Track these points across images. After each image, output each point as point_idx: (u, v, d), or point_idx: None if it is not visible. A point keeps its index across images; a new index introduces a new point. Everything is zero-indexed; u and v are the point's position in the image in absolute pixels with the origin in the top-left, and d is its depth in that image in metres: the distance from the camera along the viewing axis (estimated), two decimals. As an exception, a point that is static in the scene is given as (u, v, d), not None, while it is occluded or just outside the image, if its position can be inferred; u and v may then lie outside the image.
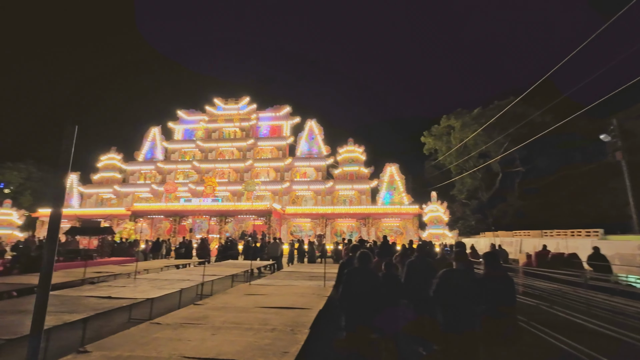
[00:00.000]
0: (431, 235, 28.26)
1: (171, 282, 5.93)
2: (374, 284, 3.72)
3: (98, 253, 10.85)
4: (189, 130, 38.35)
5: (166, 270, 8.61)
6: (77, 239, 11.30)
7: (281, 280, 6.63)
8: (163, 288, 5.19)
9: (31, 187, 40.48)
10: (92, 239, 11.17)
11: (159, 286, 5.35)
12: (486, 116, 27.99)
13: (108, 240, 11.45)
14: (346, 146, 33.74)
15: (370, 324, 3.46)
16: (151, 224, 32.43)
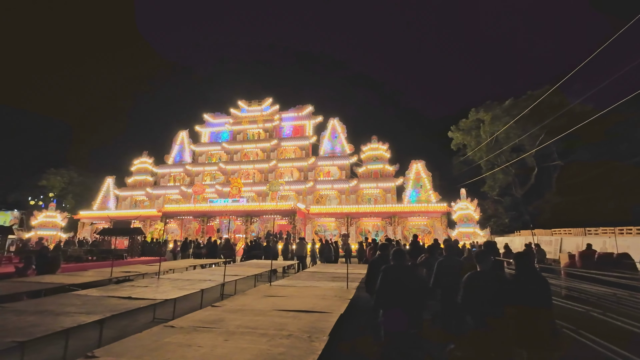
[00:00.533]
0: (461, 234, 27.12)
1: (193, 282, 5.91)
2: (411, 280, 3.77)
3: (128, 253, 11.23)
4: (214, 133, 39.34)
5: (191, 270, 8.69)
6: (108, 239, 11.81)
7: (303, 281, 6.43)
8: (183, 289, 5.16)
9: (72, 191, 43.14)
10: (122, 239, 11.65)
11: (180, 287, 5.33)
12: (519, 107, 26.27)
13: (138, 240, 11.83)
14: (370, 144, 33.14)
15: (409, 319, 3.50)
16: (181, 224, 33.52)
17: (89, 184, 43.04)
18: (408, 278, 3.78)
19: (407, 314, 3.54)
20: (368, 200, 31.90)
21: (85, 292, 4.60)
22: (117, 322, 5.66)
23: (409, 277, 3.80)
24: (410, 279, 3.79)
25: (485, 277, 3.59)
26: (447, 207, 27.93)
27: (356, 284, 6.24)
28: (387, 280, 3.75)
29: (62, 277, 6.12)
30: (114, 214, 35.32)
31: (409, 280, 3.76)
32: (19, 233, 34.50)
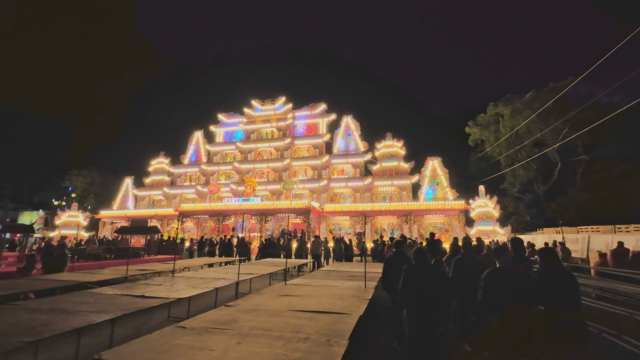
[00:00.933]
0: (480, 232, 26.35)
1: (207, 281, 5.81)
2: (434, 279, 3.74)
3: (145, 251, 11.35)
4: (229, 132, 39.66)
5: (205, 269, 8.65)
6: (126, 238, 11.97)
7: (319, 280, 6.24)
8: (197, 287, 5.06)
9: (94, 191, 44.43)
10: (140, 238, 11.78)
11: (193, 285, 5.23)
12: (541, 100, 25.11)
13: (154, 239, 11.94)
14: (384, 141, 32.64)
15: (434, 318, 3.50)
16: (197, 223, 33.96)
17: (109, 184, 44.25)
18: (431, 277, 3.74)
19: (432, 312, 3.51)
20: (383, 198, 31.43)
21: (99, 291, 4.55)
22: (132, 320, 5.63)
23: (432, 276, 3.75)
24: (433, 277, 3.75)
25: (506, 274, 3.43)
26: (464, 204, 27.19)
27: (374, 283, 6.00)
28: (410, 280, 3.74)
29: (78, 274, 6.16)
30: (132, 213, 36.15)
31: (432, 278, 3.72)
32: (44, 232, 35.72)
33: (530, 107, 25.96)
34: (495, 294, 3.35)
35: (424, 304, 3.55)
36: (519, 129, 26.42)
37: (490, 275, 3.51)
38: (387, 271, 5.13)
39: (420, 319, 3.54)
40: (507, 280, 3.36)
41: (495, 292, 3.36)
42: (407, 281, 3.74)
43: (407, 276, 3.77)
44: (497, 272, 3.53)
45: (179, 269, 7.97)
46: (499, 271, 3.54)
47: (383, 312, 6.18)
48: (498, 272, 3.53)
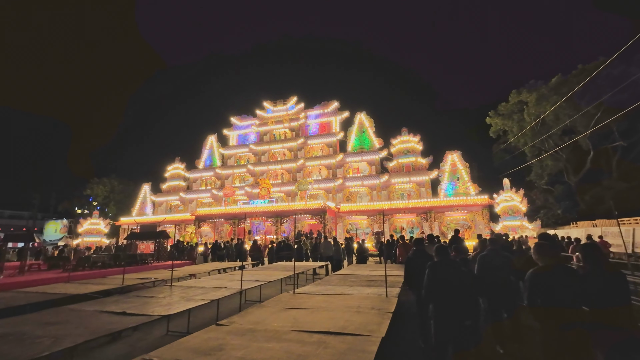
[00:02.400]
0: (506, 227, 24.88)
1: (206, 290, 5.19)
2: (458, 275, 3.77)
3: (154, 257, 10.96)
4: (242, 135, 39.57)
5: (214, 275, 8.09)
6: (135, 244, 11.66)
7: (333, 287, 5.50)
8: (192, 299, 4.44)
9: (114, 198, 45.37)
10: (149, 244, 11.49)
11: (189, 297, 4.62)
12: (569, 84, 23.25)
13: (164, 244, 11.54)
14: (400, 137, 31.59)
15: (460, 313, 3.55)
16: (213, 227, 33.85)
17: (129, 192, 45.06)
18: (455, 273, 3.78)
19: (458, 307, 3.57)
20: (401, 196, 30.38)
21: (79, 306, 4.01)
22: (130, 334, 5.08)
23: (455, 272, 3.79)
24: (457, 273, 3.78)
25: (553, 274, 3.14)
26: (488, 199, 25.82)
27: (396, 289, 5.21)
28: (434, 276, 3.80)
29: (72, 286, 5.69)
30: (150, 219, 36.57)
31: (456, 275, 3.76)
32: (68, 240, 36.60)
33: (558, 92, 24.05)
34: (544, 297, 3.07)
35: (449, 299, 3.62)
36: (546, 116, 24.60)
37: (537, 277, 3.17)
38: (409, 270, 5.12)
39: (446, 314, 3.60)
40: (554, 281, 3.08)
41: (541, 294, 3.09)
42: (432, 277, 3.80)
43: (432, 272, 3.83)
44: (543, 272, 3.20)
45: (183, 276, 7.44)
46: (545, 271, 3.20)
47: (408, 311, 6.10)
48: (545, 272, 3.20)
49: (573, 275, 3.10)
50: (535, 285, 3.11)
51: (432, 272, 3.83)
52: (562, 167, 27.88)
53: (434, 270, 3.84)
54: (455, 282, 3.69)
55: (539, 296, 3.06)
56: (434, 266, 3.88)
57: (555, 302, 2.98)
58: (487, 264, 4.74)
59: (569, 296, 2.98)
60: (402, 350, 4.69)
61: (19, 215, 57.00)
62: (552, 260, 3.24)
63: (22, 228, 47.78)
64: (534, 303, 3.08)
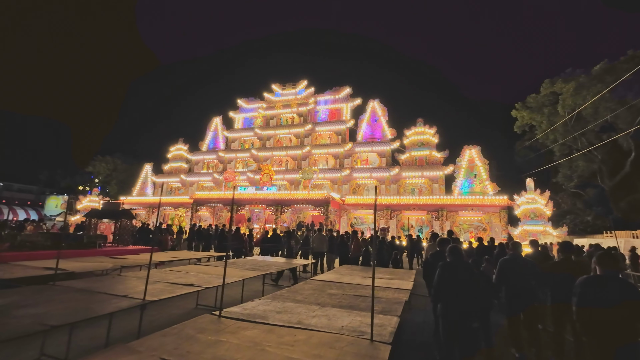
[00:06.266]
0: (525, 232, 22.61)
1: (99, 299, 3.38)
2: (468, 276, 3.78)
3: (115, 240, 9.36)
4: (248, 118, 37.86)
5: (184, 265, 6.39)
6: (96, 224, 10.08)
7: (293, 308, 3.62)
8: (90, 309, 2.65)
9: (117, 177, 44.62)
10: (110, 224, 9.95)
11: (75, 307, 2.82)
12: (616, 72, 20.12)
13: (129, 225, 9.93)
14: (415, 128, 29.31)
15: (469, 314, 3.58)
16: (213, 212, 32.51)
17: (132, 171, 44.24)
18: (466, 274, 3.78)
19: (466, 307, 3.58)
20: (411, 191, 28.26)
21: None
22: None
23: (467, 273, 3.79)
24: (469, 275, 3.79)
25: (616, 286, 2.99)
26: (507, 200, 23.51)
27: (395, 318, 3.28)
28: (444, 276, 3.81)
29: None
30: (150, 199, 35.54)
31: (466, 275, 3.77)
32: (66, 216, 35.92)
33: (602, 80, 20.96)
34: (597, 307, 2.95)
35: (457, 299, 3.62)
36: (583, 110, 21.60)
37: (588, 285, 3.10)
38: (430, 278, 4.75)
39: (453, 314, 3.60)
40: (614, 295, 2.92)
41: (597, 304, 2.96)
42: (442, 277, 3.81)
43: (442, 272, 3.85)
44: (597, 281, 3.11)
45: (112, 267, 5.71)
46: (602, 280, 3.08)
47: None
48: (599, 281, 3.09)
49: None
50: (585, 293, 3.06)
51: (443, 271, 3.84)
52: (595, 169, 24.89)
53: (445, 270, 3.85)
54: (466, 283, 3.69)
55: (589, 303, 2.97)
56: (445, 266, 3.89)
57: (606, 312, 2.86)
58: (510, 267, 4.69)
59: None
60: None
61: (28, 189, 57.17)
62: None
63: (27, 202, 47.72)
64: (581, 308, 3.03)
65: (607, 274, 3.11)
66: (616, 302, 2.87)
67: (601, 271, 3.19)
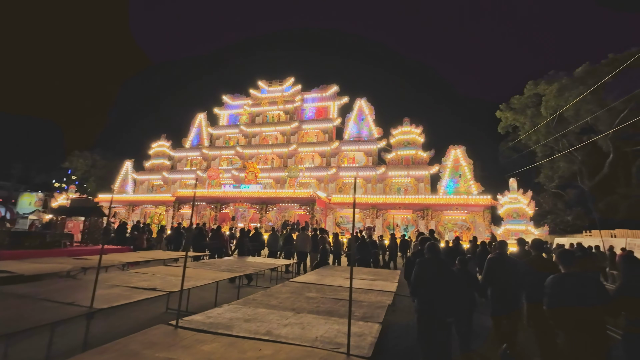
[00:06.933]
0: (508, 231, 22.89)
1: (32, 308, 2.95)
2: (447, 272, 3.90)
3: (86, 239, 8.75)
4: (233, 115, 37.09)
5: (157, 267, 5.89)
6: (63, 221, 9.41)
7: (265, 315, 3.27)
8: None
9: (95, 173, 43.01)
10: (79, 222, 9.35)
11: None
12: (597, 75, 20.57)
13: (97, 223, 9.31)
14: (401, 127, 29.32)
15: (444, 309, 3.62)
16: (196, 211, 31.68)
17: (111, 167, 42.75)
18: (443, 271, 3.86)
19: (442, 303, 3.62)
20: (397, 190, 28.26)
21: None
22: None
23: (444, 270, 3.87)
24: (445, 272, 3.87)
25: (580, 282, 3.09)
26: (491, 200, 23.78)
27: (376, 326, 2.96)
28: (420, 272, 3.85)
29: None
30: (131, 197, 34.35)
31: (444, 273, 3.85)
32: (40, 214, 34.35)
33: (584, 82, 21.41)
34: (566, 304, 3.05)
35: (432, 295, 3.67)
36: (565, 111, 22.00)
37: (558, 283, 3.17)
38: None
39: (428, 309, 3.66)
40: (582, 289, 3.04)
41: (566, 302, 3.06)
42: (419, 273, 3.86)
43: (419, 268, 3.89)
44: (565, 278, 3.18)
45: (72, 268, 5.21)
46: (568, 278, 3.17)
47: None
48: (567, 278, 3.17)
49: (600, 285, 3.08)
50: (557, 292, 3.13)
51: (420, 268, 3.89)
52: (576, 170, 25.47)
53: (421, 266, 3.90)
54: (442, 280, 3.74)
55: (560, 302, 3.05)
56: (422, 263, 3.94)
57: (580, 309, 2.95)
58: (497, 266, 4.71)
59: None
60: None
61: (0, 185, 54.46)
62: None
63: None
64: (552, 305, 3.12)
65: (569, 271, 3.23)
66: (581, 298, 2.98)
67: (564, 269, 3.28)
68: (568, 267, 3.26)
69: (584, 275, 3.16)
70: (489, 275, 4.68)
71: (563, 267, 3.31)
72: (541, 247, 5.01)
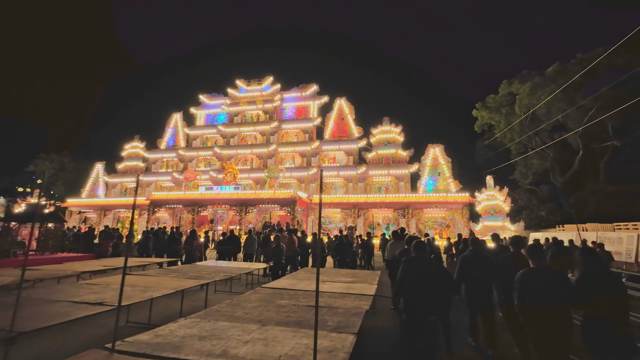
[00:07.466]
0: (486, 228, 23.30)
1: None
2: (430, 271, 3.85)
3: (40, 248, 8.02)
4: (211, 115, 36.07)
5: (116, 276, 5.31)
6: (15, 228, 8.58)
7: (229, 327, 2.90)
8: None
9: (63, 177, 40.79)
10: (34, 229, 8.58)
11: None
12: (567, 74, 21.35)
13: (52, 230, 8.55)
14: (381, 126, 29.39)
15: (429, 308, 3.64)
16: (172, 214, 30.57)
17: (81, 170, 40.59)
18: (428, 269, 3.83)
19: (427, 302, 3.63)
20: (378, 189, 28.31)
21: None
22: None
23: (428, 268, 3.84)
24: (429, 270, 3.84)
25: (546, 276, 3.10)
26: (469, 197, 24.18)
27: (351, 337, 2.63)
28: (407, 271, 3.82)
29: None
30: (102, 201, 32.73)
31: (427, 270, 3.82)
32: (1, 221, 32.00)
33: (555, 81, 22.18)
34: (535, 298, 3.07)
35: (418, 294, 3.66)
36: (537, 110, 22.68)
37: (527, 277, 3.17)
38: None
39: (414, 308, 3.64)
40: (549, 283, 3.06)
41: (535, 296, 3.08)
42: (406, 272, 3.82)
43: (406, 267, 3.85)
44: (534, 273, 3.18)
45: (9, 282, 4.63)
46: (536, 272, 3.17)
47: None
48: (536, 273, 3.17)
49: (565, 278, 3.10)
50: (525, 286, 3.15)
51: (406, 267, 3.86)
52: (548, 167, 26.39)
53: (408, 265, 3.87)
54: (428, 278, 3.74)
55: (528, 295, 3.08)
56: (409, 261, 3.91)
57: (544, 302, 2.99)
58: (470, 263, 4.75)
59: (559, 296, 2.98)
60: None
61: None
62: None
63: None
64: (523, 302, 3.12)
65: (539, 265, 3.23)
66: (550, 296, 3.00)
67: (533, 263, 3.27)
68: (538, 261, 3.24)
69: (553, 271, 3.16)
70: (462, 272, 4.71)
71: (532, 262, 3.28)
72: (520, 243, 5.02)
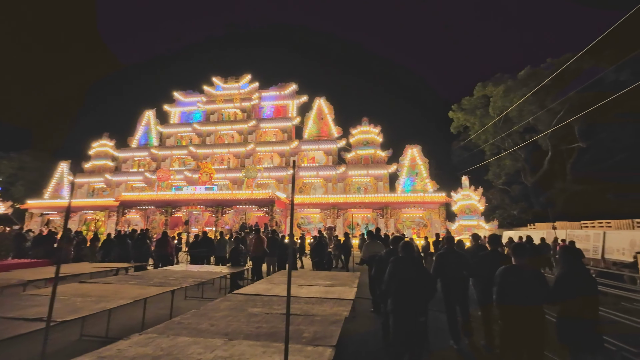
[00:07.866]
0: (462, 227, 23.82)
1: None
2: (417, 271, 3.88)
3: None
4: (185, 113, 34.79)
5: (72, 284, 4.70)
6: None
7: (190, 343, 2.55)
8: None
9: (24, 177, 38.11)
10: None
11: None
12: (538, 77, 22.24)
13: (6, 234, 7.71)
14: (360, 126, 29.43)
15: (417, 308, 3.67)
16: (144, 215, 29.14)
17: (44, 170, 38.08)
18: (415, 270, 3.87)
19: (416, 303, 3.67)
20: (357, 189, 28.30)
21: None
22: None
23: (416, 269, 3.88)
24: (418, 270, 3.88)
25: (527, 275, 3.28)
26: (445, 197, 24.66)
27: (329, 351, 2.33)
28: (395, 271, 3.85)
29: None
30: (65, 203, 30.71)
31: (415, 271, 3.86)
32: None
33: (527, 84, 23.06)
34: (514, 294, 3.22)
35: (407, 295, 3.68)
36: (510, 112, 23.51)
37: (507, 274, 3.35)
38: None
39: (403, 309, 3.65)
40: (528, 281, 3.22)
41: (513, 292, 3.23)
42: (394, 272, 3.84)
43: (394, 268, 3.87)
44: (514, 270, 3.37)
45: None
46: (517, 270, 3.35)
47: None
48: (516, 270, 3.36)
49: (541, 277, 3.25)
50: (505, 282, 3.31)
51: (394, 267, 3.87)
52: (520, 167, 27.41)
53: (396, 265, 3.87)
54: (415, 279, 3.77)
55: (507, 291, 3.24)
56: (397, 261, 3.91)
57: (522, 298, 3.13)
58: (445, 261, 4.89)
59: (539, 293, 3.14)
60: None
61: None
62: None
63: None
64: (501, 298, 3.26)
65: (521, 263, 3.39)
66: (528, 296, 3.15)
67: (516, 260, 3.43)
68: (521, 259, 3.39)
69: (532, 272, 3.29)
70: (438, 269, 4.93)
71: (515, 259, 3.44)
72: (498, 242, 5.26)
